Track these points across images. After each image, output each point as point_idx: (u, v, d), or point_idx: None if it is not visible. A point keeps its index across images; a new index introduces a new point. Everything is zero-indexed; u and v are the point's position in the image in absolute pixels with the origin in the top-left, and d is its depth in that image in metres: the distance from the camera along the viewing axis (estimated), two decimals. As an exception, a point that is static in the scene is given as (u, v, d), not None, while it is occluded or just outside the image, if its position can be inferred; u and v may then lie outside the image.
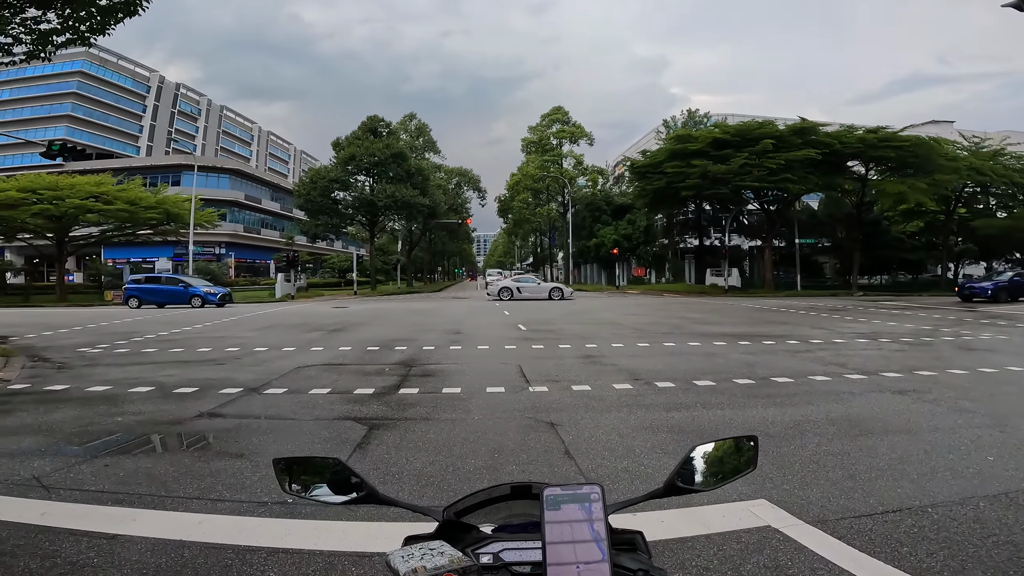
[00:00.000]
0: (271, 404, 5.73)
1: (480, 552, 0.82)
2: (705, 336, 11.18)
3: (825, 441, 4.21)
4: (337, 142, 40.97)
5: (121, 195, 30.68)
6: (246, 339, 11.38)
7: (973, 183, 33.04)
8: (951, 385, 6.23)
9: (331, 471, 0.96)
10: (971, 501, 3.04)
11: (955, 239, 37.39)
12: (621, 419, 5.00)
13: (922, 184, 28.24)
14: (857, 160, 31.10)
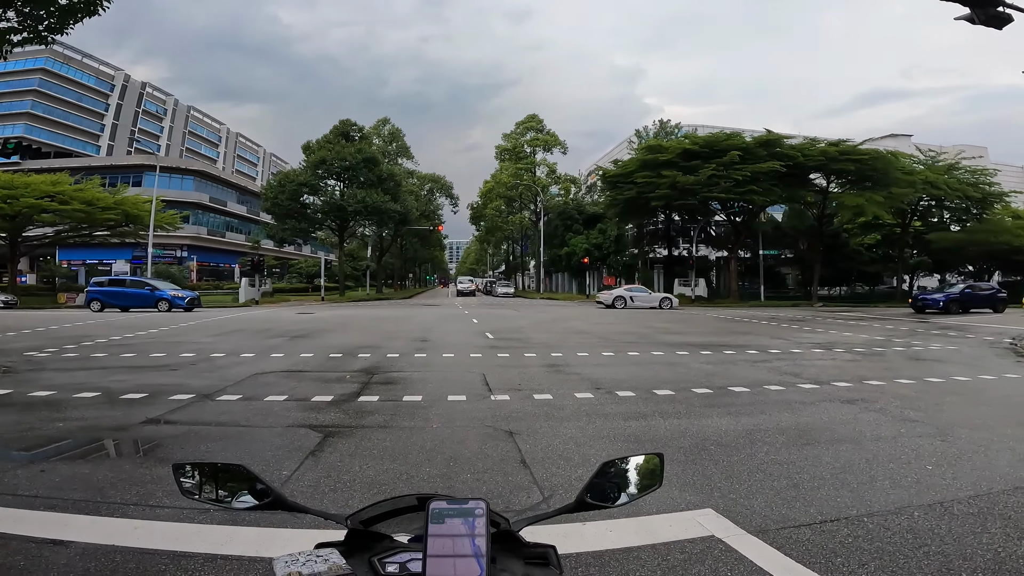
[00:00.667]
0: (224, 411, 5.57)
1: (386, 561, 0.82)
2: (669, 345, 11.35)
3: (773, 450, 4.29)
4: (308, 145, 40.46)
5: (78, 195, 29.84)
6: (203, 345, 11.07)
7: (928, 197, 34.45)
8: (898, 395, 6.44)
9: (235, 477, 0.95)
10: (907, 511, 3.11)
11: (910, 252, 38.98)
12: (580, 428, 5.02)
13: (879, 197, 29.40)
14: (819, 173, 32.20)
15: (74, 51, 60.55)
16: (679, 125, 44.63)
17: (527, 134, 53.69)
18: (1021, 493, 3.35)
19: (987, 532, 2.81)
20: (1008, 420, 5.23)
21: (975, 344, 11.82)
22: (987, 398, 6.35)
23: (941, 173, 33.99)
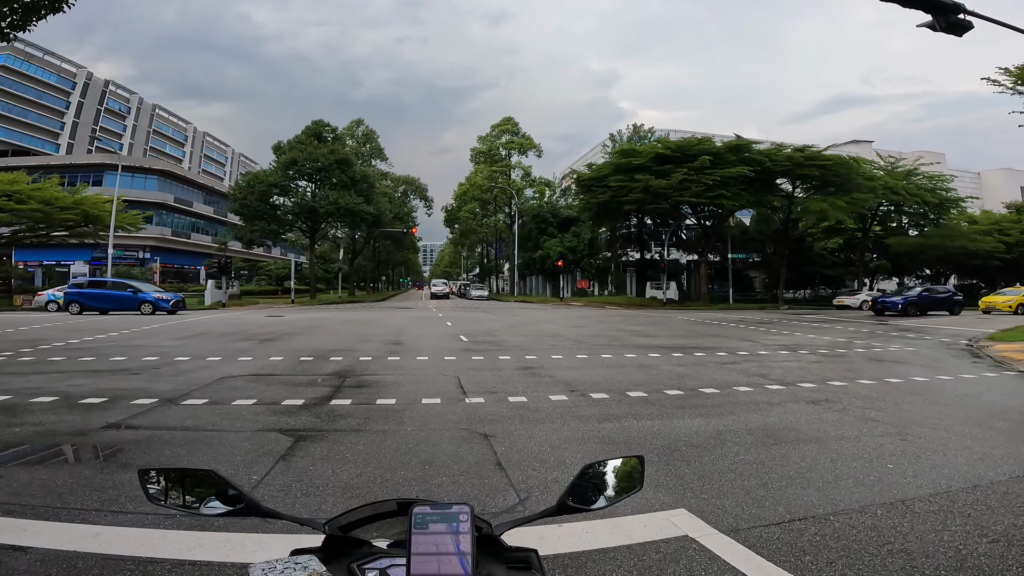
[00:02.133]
0: (189, 415, 5.41)
1: (366, 568, 0.81)
2: (642, 348, 11.48)
3: (743, 450, 4.38)
4: (278, 146, 39.80)
5: (36, 194, 28.80)
6: (167, 348, 10.74)
7: (888, 202, 35.73)
8: (860, 395, 6.64)
9: (205, 483, 0.92)
10: (870, 509, 3.19)
11: (870, 256, 40.36)
12: (554, 430, 5.04)
13: (842, 202, 30.43)
14: (785, 178, 33.19)
15: (36, 48, 58.39)
16: (652, 129, 45.34)
17: (502, 137, 53.85)
18: (979, 491, 3.45)
19: (948, 530, 2.89)
20: (965, 419, 5.41)
21: (933, 346, 12.28)
22: (944, 398, 6.57)
23: (900, 179, 35.24)
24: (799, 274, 39.32)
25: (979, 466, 3.96)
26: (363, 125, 53.91)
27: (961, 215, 39.38)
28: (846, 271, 41.46)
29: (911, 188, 34.96)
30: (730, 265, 38.44)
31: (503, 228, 55.89)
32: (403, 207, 56.78)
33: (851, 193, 30.67)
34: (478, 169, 54.26)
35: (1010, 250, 36.21)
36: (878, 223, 37.99)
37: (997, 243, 35.91)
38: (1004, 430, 5.00)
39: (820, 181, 31.68)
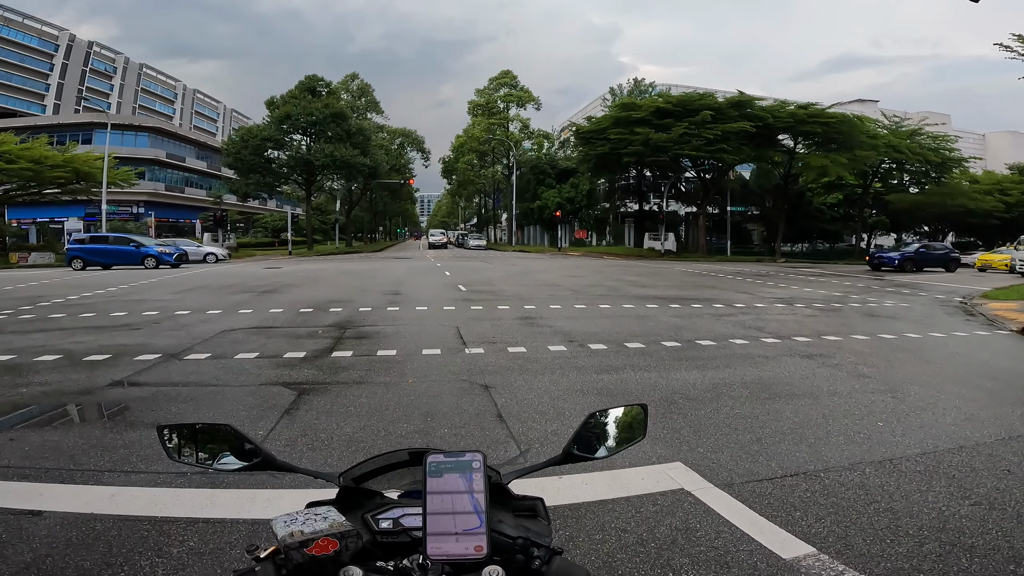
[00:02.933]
0: (192, 370, 5.48)
1: (380, 518, 0.82)
2: (639, 299, 11.56)
3: (738, 404, 4.47)
4: (272, 101, 39.34)
5: (25, 153, 28.82)
6: (166, 302, 10.76)
7: (890, 160, 35.39)
8: (853, 351, 6.73)
9: (222, 438, 0.92)
10: (859, 467, 3.25)
11: (870, 212, 40.19)
12: (554, 381, 5.13)
13: (843, 159, 30.23)
14: (787, 134, 32.87)
15: (15, 13, 57.27)
16: (653, 84, 44.43)
17: (500, 90, 53.37)
18: (964, 452, 3.49)
19: (932, 491, 2.94)
20: (954, 378, 5.48)
21: (927, 302, 12.37)
22: (936, 356, 6.66)
23: (904, 138, 34.84)
24: (797, 228, 39.30)
25: (966, 427, 3.99)
26: (358, 79, 53.30)
27: (963, 175, 39.02)
28: (844, 226, 41.39)
29: (914, 147, 34.61)
30: (729, 218, 38.35)
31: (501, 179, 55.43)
32: (400, 159, 56.40)
33: (853, 150, 30.47)
34: (476, 122, 53.64)
35: (1010, 210, 36.20)
36: (879, 180, 37.66)
37: (997, 202, 35.91)
38: (992, 391, 5.04)
39: (823, 138, 31.47)
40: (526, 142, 54.32)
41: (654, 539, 2.45)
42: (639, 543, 2.41)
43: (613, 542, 2.42)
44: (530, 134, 54.66)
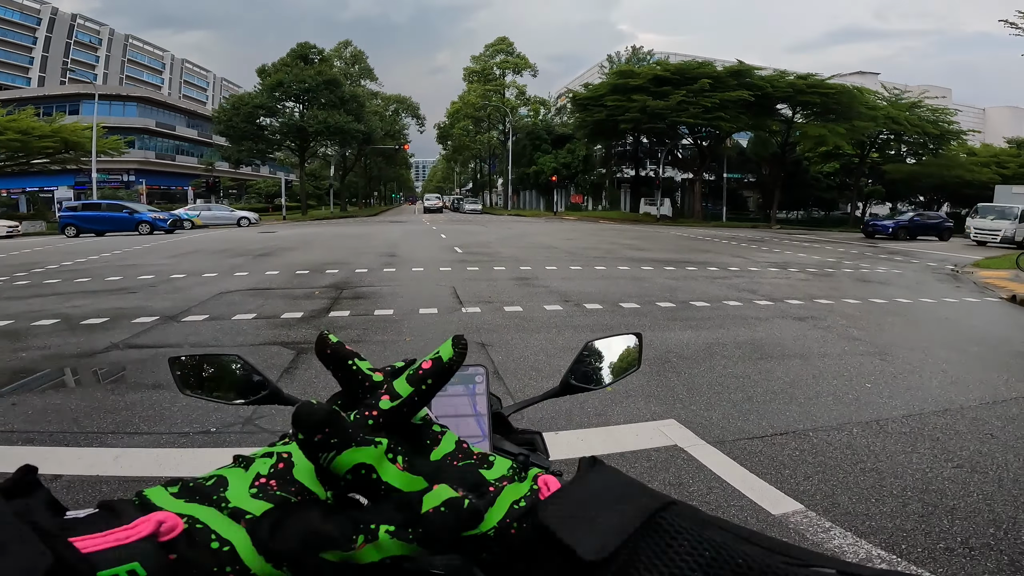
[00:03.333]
0: (191, 332, 5.51)
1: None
2: (635, 261, 11.63)
3: (731, 363, 4.56)
4: (263, 69, 38.78)
5: (12, 125, 28.81)
6: (161, 266, 10.71)
7: (888, 131, 35.23)
8: (844, 314, 6.82)
9: (232, 368, 0.91)
10: (847, 427, 3.34)
11: (866, 181, 40.09)
12: (550, 340, 5.20)
13: (841, 129, 30.21)
14: (786, 104, 32.62)
15: None
16: (651, 52, 43.74)
17: (496, 56, 52.76)
18: (949, 415, 3.57)
19: (916, 452, 3.02)
20: (942, 343, 5.57)
21: (919, 269, 12.45)
22: (925, 321, 6.75)
23: (903, 110, 34.68)
24: (793, 196, 39.22)
25: (951, 390, 4.07)
26: (351, 46, 52.61)
27: (961, 147, 38.84)
28: (840, 195, 41.32)
29: (913, 119, 34.47)
30: (725, 184, 38.24)
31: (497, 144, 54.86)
32: (394, 125, 55.95)
33: (852, 121, 30.42)
34: (472, 88, 53.08)
35: (1006, 182, 36.15)
36: (876, 150, 37.54)
37: (994, 174, 35.89)
38: (979, 355, 5.12)
39: (821, 108, 31.31)
40: (522, 108, 53.70)
41: (648, 493, 2.53)
42: (633, 496, 2.49)
43: (608, 495, 2.50)
44: (526, 101, 54.04)
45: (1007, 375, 4.48)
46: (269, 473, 0.32)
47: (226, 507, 0.30)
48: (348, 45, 52.75)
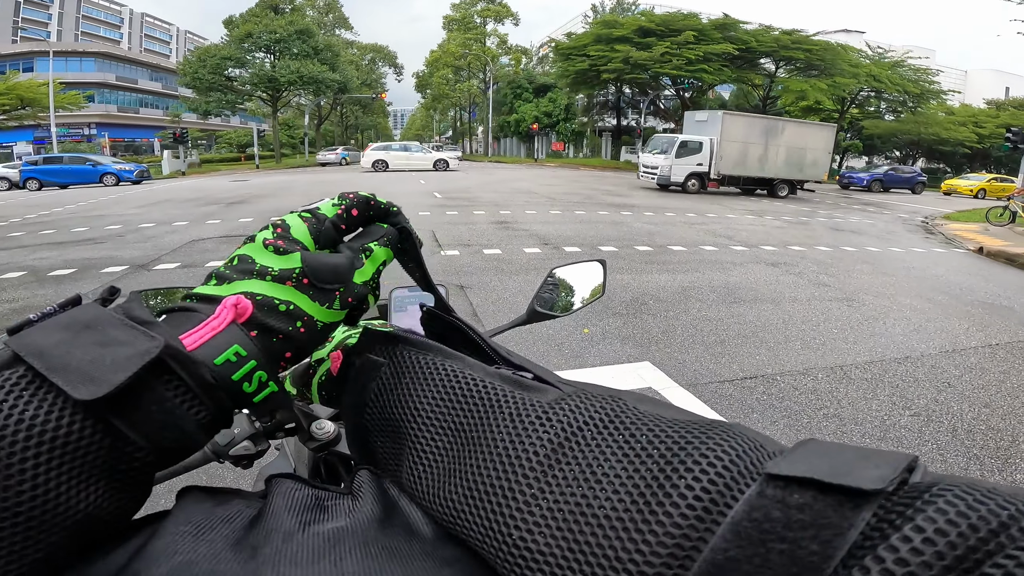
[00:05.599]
0: (162, 280, 5.40)
1: None
2: (614, 207, 11.67)
3: (705, 307, 4.66)
4: (230, 20, 36.78)
5: None
6: (129, 216, 10.37)
7: (869, 88, 35.35)
8: (816, 260, 6.98)
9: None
10: (812, 372, 3.43)
11: (844, 135, 40.33)
12: (528, 282, 5.22)
13: (823, 84, 30.47)
14: (769, 58, 32.58)
15: None
16: (636, 2, 42.34)
17: (478, 4, 50.71)
18: (909, 363, 3.66)
19: (876, 399, 3.11)
20: (908, 291, 5.71)
21: (890, 220, 12.69)
22: (892, 269, 6.91)
23: (886, 68, 34.77)
24: None
25: (913, 337, 4.18)
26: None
27: (940, 106, 39.16)
28: (819, 148, 41.67)
29: (895, 77, 34.72)
30: None
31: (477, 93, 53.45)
32: (371, 74, 54.12)
33: (834, 77, 30.65)
34: (451, 36, 51.21)
35: (982, 141, 36.71)
36: (856, 106, 37.71)
37: (971, 133, 36.39)
38: (942, 304, 5.25)
39: (804, 64, 31.47)
40: (504, 57, 52.16)
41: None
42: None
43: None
44: (508, 50, 52.46)
45: (968, 324, 4.62)
46: (274, 236, 0.37)
47: (272, 272, 0.35)
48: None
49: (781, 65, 33.04)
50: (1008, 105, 43.56)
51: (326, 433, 0.61)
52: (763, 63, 33.39)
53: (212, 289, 0.35)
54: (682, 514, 0.21)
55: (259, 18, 35.89)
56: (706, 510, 0.21)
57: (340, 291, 0.37)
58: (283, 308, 0.34)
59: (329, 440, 0.61)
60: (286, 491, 0.34)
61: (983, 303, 5.40)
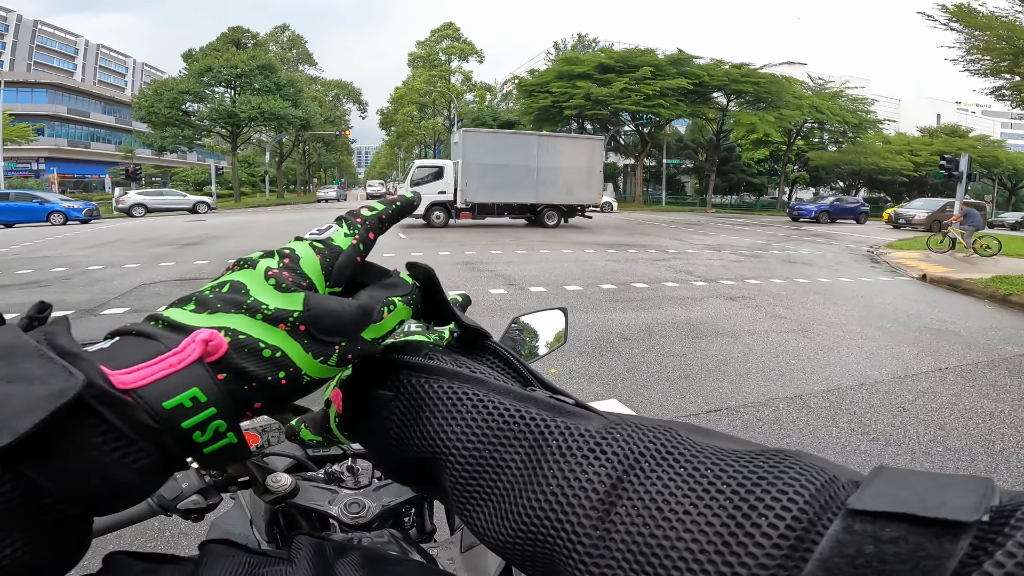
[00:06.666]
0: (110, 325, 4.97)
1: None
2: (578, 244, 11.89)
3: (669, 343, 4.73)
4: (189, 53, 36.51)
5: None
6: (76, 258, 9.94)
7: (813, 119, 37.54)
8: (772, 293, 7.21)
9: None
10: (774, 403, 3.51)
11: (792, 167, 42.52)
12: (494, 324, 5.19)
13: (771, 117, 32.26)
14: (721, 92, 34.25)
15: None
16: (596, 39, 44.28)
17: (443, 42, 51.89)
18: (864, 390, 3.80)
19: (836, 426, 3.19)
20: (858, 319, 5.93)
21: (838, 250, 13.28)
22: (843, 299, 7.20)
23: (827, 99, 37.00)
24: (727, 181, 41.44)
25: (866, 364, 4.34)
26: (289, 30, 51.14)
27: (877, 135, 41.82)
28: (769, 180, 43.73)
29: (835, 108, 36.97)
30: (664, 170, 39.87)
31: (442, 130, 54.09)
32: (335, 111, 54.22)
33: (780, 109, 32.37)
34: (416, 73, 52.07)
35: (918, 169, 39.13)
36: (802, 138, 39.90)
37: (907, 162, 38.75)
38: (891, 331, 5.45)
39: (753, 96, 33.17)
40: (468, 94, 53.17)
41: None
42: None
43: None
44: (472, 87, 53.54)
45: (917, 350, 4.82)
46: (279, 266, 0.32)
47: (266, 311, 0.30)
48: (285, 29, 51.16)
49: (732, 98, 34.74)
50: (940, 132, 46.81)
51: (282, 486, 0.58)
52: (716, 97, 35.03)
53: (187, 316, 0.29)
54: (768, 554, 0.20)
55: (220, 52, 35.60)
56: (792, 548, 0.20)
57: (341, 345, 0.32)
58: (267, 354, 0.29)
59: (286, 493, 0.59)
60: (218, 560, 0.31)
61: (930, 329, 5.64)
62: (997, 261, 11.40)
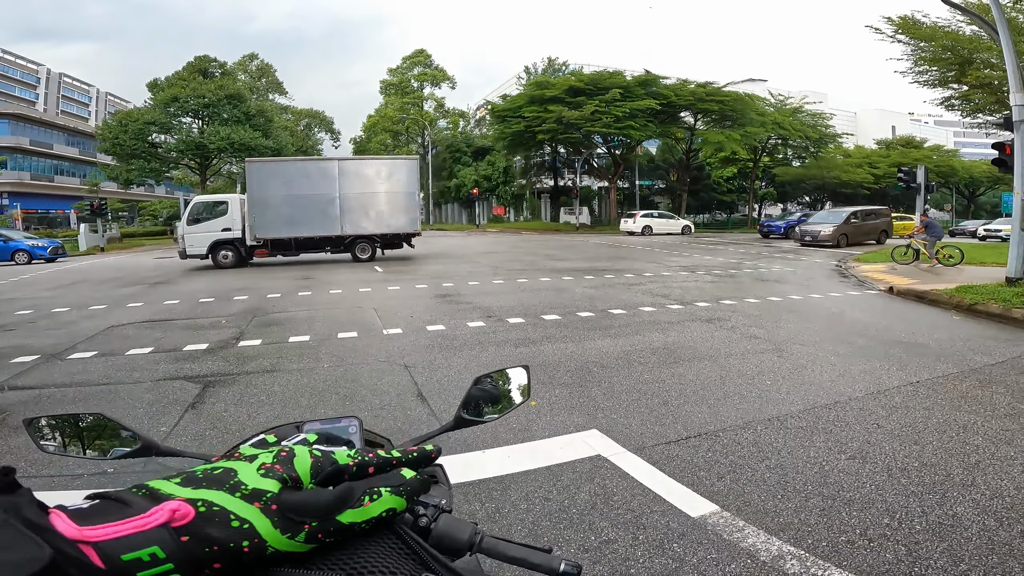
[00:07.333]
0: (78, 370, 5.00)
1: None
2: (556, 272, 11.93)
3: (647, 370, 4.76)
4: (155, 83, 35.89)
5: None
6: (41, 300, 9.65)
7: (776, 136, 38.77)
8: (746, 313, 7.32)
9: (96, 427, 0.90)
10: (752, 425, 3.53)
11: (760, 184, 43.77)
12: (473, 357, 5.19)
13: (737, 135, 33.17)
14: (688, 111, 35.24)
15: None
16: (566, 63, 45.19)
17: (415, 69, 52.49)
18: (839, 407, 3.84)
19: (813, 446, 3.22)
20: (830, 337, 6.04)
21: (808, 266, 13.62)
22: (815, 315, 7.35)
23: (787, 115, 38.31)
24: (698, 199, 42.40)
25: (840, 382, 4.39)
26: (257, 59, 51.05)
27: (837, 149, 43.45)
28: (739, 197, 44.86)
29: (796, 124, 38.30)
30: (637, 191, 40.67)
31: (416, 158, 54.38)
32: (307, 140, 54.01)
33: (745, 127, 33.30)
34: (389, 101, 52.44)
35: (878, 181, 40.63)
36: (767, 155, 41.16)
37: (867, 175, 40.31)
38: (862, 347, 5.54)
39: (719, 115, 34.10)
40: (441, 121, 53.68)
41: (575, 505, 2.58)
42: (561, 510, 2.53)
43: (538, 511, 2.53)
44: (445, 113, 54.10)
45: (889, 364, 4.92)
46: (274, 461, 0.38)
47: (244, 490, 0.36)
48: (254, 58, 51.01)
49: (699, 117, 35.79)
50: (896, 143, 48.73)
51: None
52: (683, 116, 35.98)
53: (170, 487, 0.35)
54: None
55: (187, 82, 35.08)
56: None
57: (312, 525, 0.37)
58: (235, 524, 0.34)
59: None
60: None
61: (900, 342, 5.78)
62: (961, 270, 11.84)
